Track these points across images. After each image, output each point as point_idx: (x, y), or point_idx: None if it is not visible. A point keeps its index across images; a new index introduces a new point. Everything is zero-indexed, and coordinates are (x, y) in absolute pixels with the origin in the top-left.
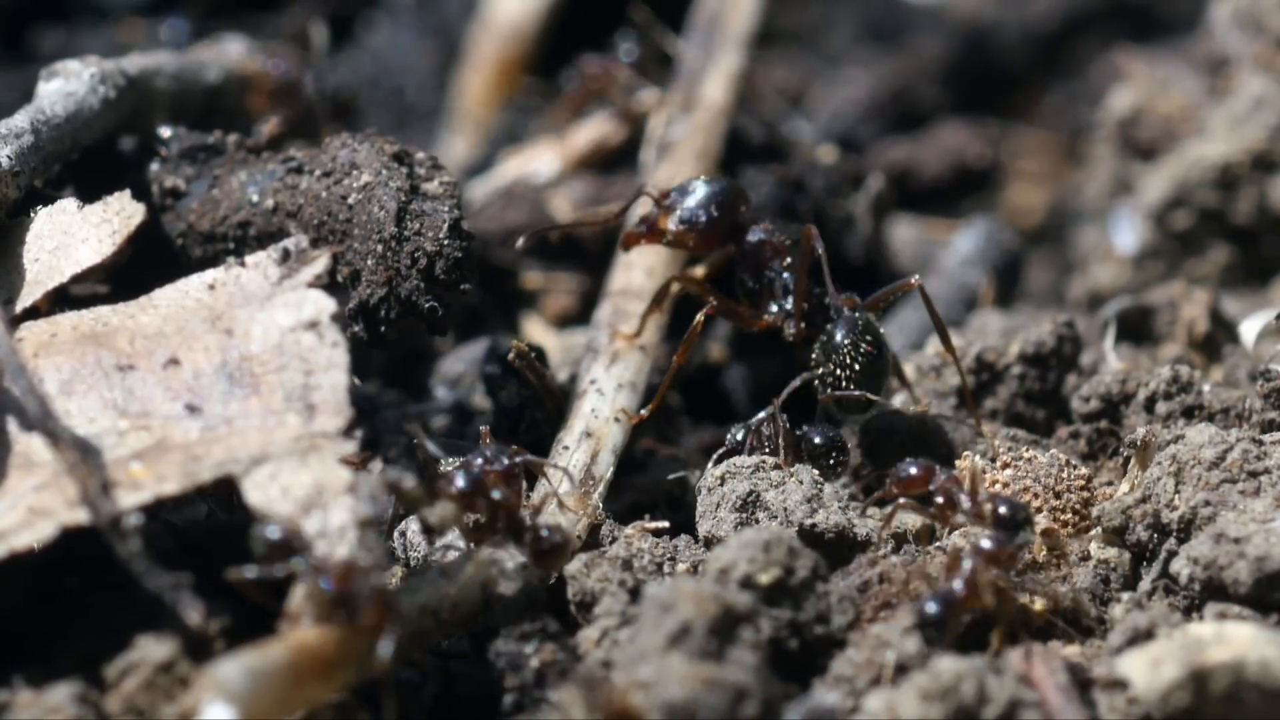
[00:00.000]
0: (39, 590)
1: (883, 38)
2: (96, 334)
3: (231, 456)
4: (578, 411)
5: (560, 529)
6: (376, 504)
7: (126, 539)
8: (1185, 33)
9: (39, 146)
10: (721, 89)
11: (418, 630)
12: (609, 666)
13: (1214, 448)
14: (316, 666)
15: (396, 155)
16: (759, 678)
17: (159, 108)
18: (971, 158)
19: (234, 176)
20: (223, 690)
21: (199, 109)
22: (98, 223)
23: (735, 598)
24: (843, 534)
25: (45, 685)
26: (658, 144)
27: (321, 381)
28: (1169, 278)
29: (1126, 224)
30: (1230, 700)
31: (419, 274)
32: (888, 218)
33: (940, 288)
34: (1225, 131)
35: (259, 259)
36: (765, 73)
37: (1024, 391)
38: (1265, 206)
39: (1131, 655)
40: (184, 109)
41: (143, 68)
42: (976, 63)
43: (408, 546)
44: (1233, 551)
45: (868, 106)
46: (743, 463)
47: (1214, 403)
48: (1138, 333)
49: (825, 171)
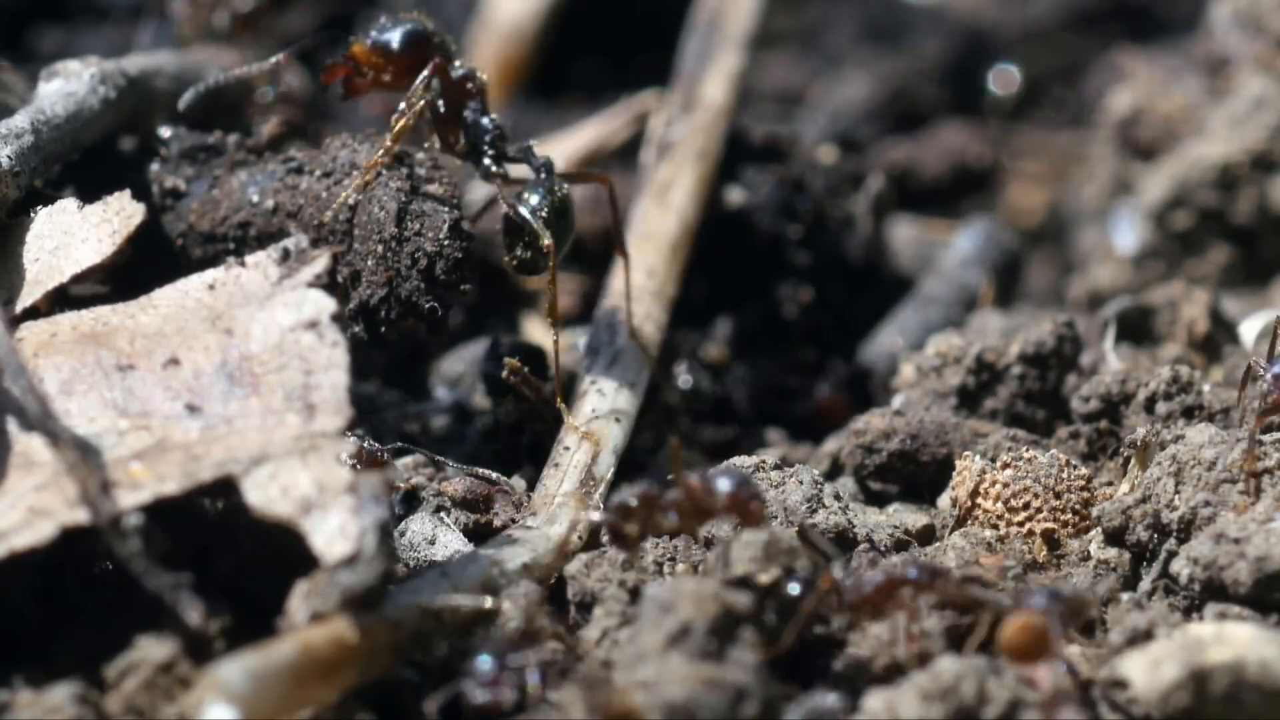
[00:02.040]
0: (39, 590)
1: (883, 38)
2: (96, 334)
3: (231, 456)
4: (578, 412)
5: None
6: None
7: (126, 539)
8: (1185, 33)
9: (39, 146)
10: (721, 89)
11: (418, 630)
12: (609, 666)
13: (1214, 448)
14: (318, 667)
15: (397, 156)
16: (759, 678)
17: (159, 108)
18: (971, 158)
19: (234, 177)
20: (224, 691)
21: (198, 109)
22: (97, 223)
23: (735, 598)
24: (843, 534)
25: (45, 685)
26: (658, 144)
27: (321, 381)
28: (1169, 278)
29: (1126, 224)
30: (1230, 700)
31: (419, 274)
32: (888, 218)
33: (940, 288)
34: (1225, 131)
35: (259, 259)
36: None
37: (1024, 391)
38: (1265, 206)
39: (1131, 655)
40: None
41: (143, 68)
42: (976, 63)
43: (408, 547)
44: (1233, 552)
45: (868, 106)
46: (742, 463)
47: (1214, 403)
48: (1138, 333)
49: (825, 171)
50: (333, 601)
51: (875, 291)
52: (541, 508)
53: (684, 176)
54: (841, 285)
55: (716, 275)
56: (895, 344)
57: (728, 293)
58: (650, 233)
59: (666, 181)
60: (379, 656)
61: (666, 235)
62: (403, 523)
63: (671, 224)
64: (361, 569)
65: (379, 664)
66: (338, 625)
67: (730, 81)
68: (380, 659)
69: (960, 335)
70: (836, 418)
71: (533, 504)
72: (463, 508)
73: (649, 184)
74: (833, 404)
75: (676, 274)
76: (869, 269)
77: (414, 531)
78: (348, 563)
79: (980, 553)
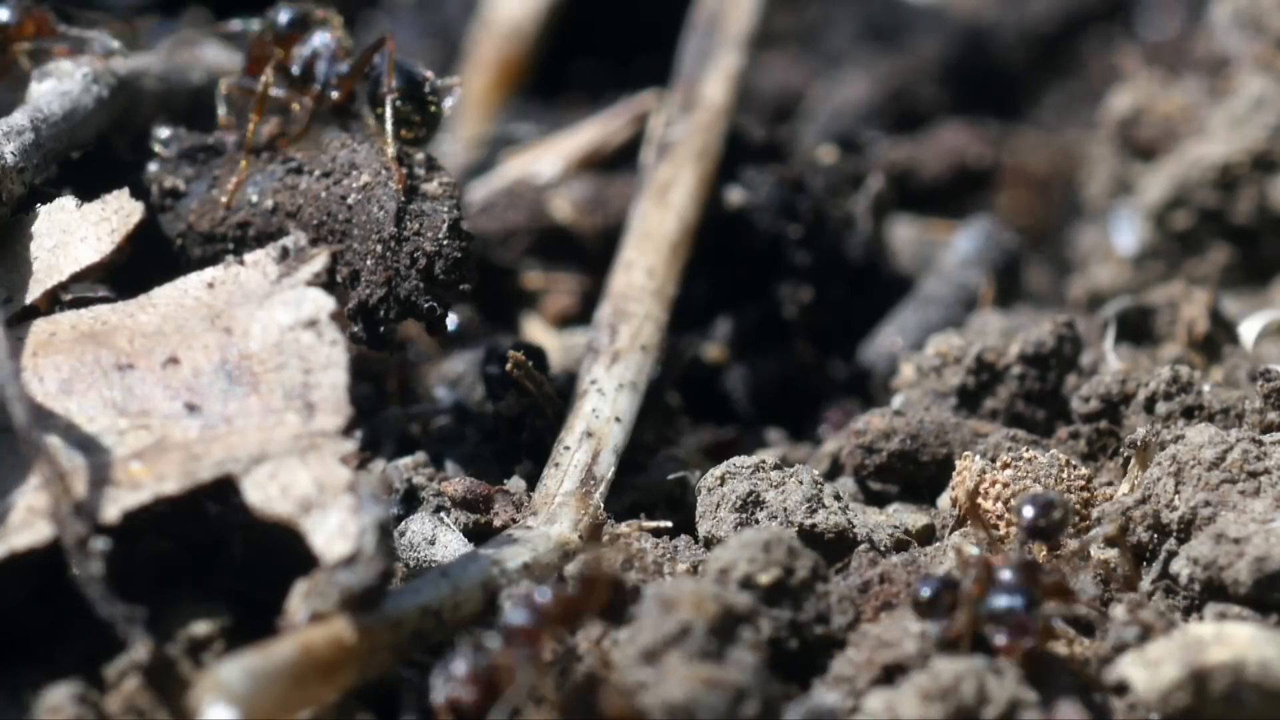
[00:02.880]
0: (39, 590)
1: (883, 38)
2: (96, 333)
3: (231, 455)
4: (578, 412)
5: None
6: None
7: (89, 561)
8: (1185, 33)
9: (39, 144)
10: (721, 89)
11: (418, 630)
12: (609, 667)
13: (1214, 448)
14: (318, 667)
15: (396, 155)
16: (759, 678)
17: (148, 107)
18: (971, 158)
19: (233, 177)
20: (224, 691)
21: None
22: (96, 221)
23: (735, 598)
24: (843, 534)
25: (45, 685)
26: (658, 144)
27: (321, 380)
28: (1169, 278)
29: (1126, 224)
30: (1230, 701)
31: (418, 274)
32: (888, 218)
33: (940, 288)
34: (1225, 131)
35: (258, 257)
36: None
37: (1024, 392)
38: (1265, 206)
39: (1131, 656)
40: (170, 108)
41: (131, 68)
42: (976, 63)
43: (408, 547)
44: (1233, 552)
45: (868, 106)
46: (742, 463)
47: (1214, 403)
48: (1138, 333)
49: (825, 171)
50: (332, 601)
51: (875, 291)
52: (541, 508)
53: (684, 176)
54: (841, 285)
55: (716, 275)
56: (895, 344)
57: (728, 293)
58: (650, 233)
59: (666, 181)
60: (379, 656)
61: (666, 235)
62: (403, 523)
63: (671, 224)
64: (361, 569)
65: (379, 664)
66: (338, 625)
67: (730, 81)
68: (380, 659)
69: (960, 335)
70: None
71: (533, 504)
72: (463, 508)
73: (649, 184)
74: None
75: (676, 274)
76: (869, 269)
77: (414, 531)
78: (347, 562)
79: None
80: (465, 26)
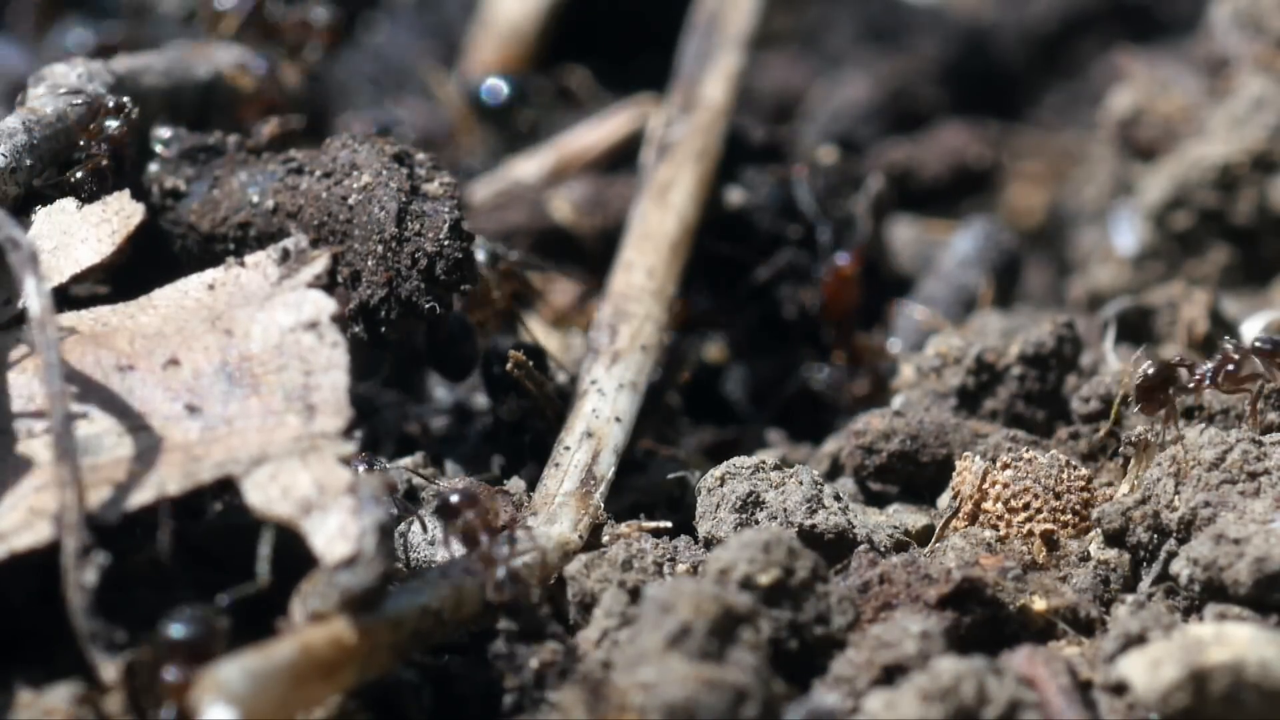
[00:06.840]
0: (39, 590)
1: (883, 38)
2: (96, 334)
3: (231, 457)
4: (579, 412)
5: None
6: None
7: (84, 571)
8: (1185, 33)
9: (33, 145)
10: (721, 89)
11: (418, 630)
12: (609, 667)
13: (1214, 448)
14: (318, 667)
15: (397, 156)
16: (759, 678)
17: (151, 106)
18: (971, 158)
19: (234, 177)
20: (224, 691)
21: (192, 107)
22: (97, 222)
23: (735, 598)
24: (842, 535)
25: (45, 685)
26: (657, 144)
27: (321, 382)
28: (1169, 278)
29: (1126, 224)
30: (1230, 701)
31: (419, 274)
32: (888, 218)
33: (940, 288)
34: (1225, 132)
35: (259, 259)
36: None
37: (1024, 392)
38: (1265, 207)
39: (1131, 656)
40: (177, 107)
41: (130, 67)
42: (976, 63)
43: (408, 547)
44: (1233, 552)
45: (868, 106)
46: (742, 463)
47: (1214, 403)
48: (1138, 333)
49: (825, 171)
50: (332, 602)
51: (875, 291)
52: (541, 508)
53: (684, 176)
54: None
55: (717, 275)
56: (895, 344)
57: (728, 293)
58: (650, 233)
59: (666, 181)
60: (379, 656)
61: (666, 235)
62: (403, 524)
63: (671, 224)
64: (361, 569)
65: (379, 664)
66: (337, 625)
67: (730, 82)
68: (380, 659)
69: (960, 336)
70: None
71: (533, 504)
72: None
73: (649, 184)
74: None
75: (676, 274)
76: (869, 269)
77: (414, 532)
78: (348, 563)
79: (980, 553)
80: (465, 27)
